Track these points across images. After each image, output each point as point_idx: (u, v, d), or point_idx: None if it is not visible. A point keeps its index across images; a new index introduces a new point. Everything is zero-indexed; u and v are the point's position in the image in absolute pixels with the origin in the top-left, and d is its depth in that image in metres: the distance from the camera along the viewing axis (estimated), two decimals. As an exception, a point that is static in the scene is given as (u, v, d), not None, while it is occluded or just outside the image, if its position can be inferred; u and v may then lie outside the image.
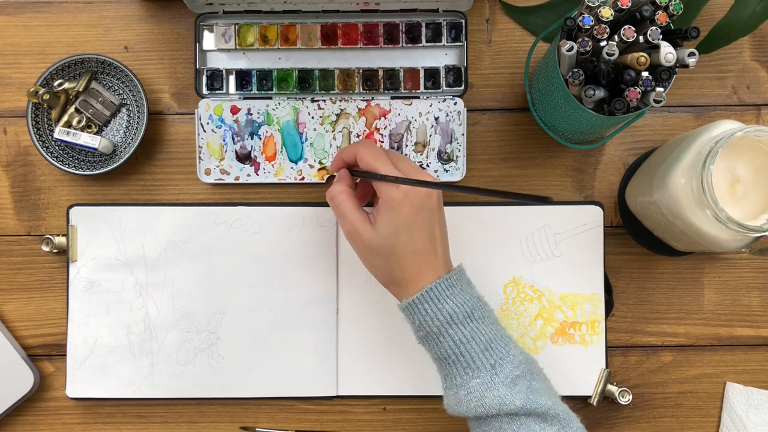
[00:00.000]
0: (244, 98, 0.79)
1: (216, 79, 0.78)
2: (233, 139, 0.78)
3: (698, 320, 0.79)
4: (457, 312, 0.62)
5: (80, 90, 0.77)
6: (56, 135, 0.76)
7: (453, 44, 0.78)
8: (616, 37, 0.63)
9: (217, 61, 0.79)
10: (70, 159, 0.77)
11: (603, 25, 0.62)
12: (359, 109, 0.78)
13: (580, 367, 0.76)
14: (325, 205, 0.77)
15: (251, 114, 0.78)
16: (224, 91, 0.78)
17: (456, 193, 0.79)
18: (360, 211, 0.66)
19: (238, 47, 0.78)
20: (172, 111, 0.80)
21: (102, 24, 0.79)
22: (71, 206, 0.77)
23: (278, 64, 0.79)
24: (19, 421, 0.78)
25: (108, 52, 0.79)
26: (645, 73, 0.62)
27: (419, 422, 0.78)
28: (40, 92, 0.74)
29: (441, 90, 0.78)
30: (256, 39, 0.78)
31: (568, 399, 0.77)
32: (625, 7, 0.62)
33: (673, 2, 0.62)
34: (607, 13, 0.62)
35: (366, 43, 0.78)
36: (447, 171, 0.78)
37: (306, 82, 0.78)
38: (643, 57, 0.62)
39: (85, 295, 0.77)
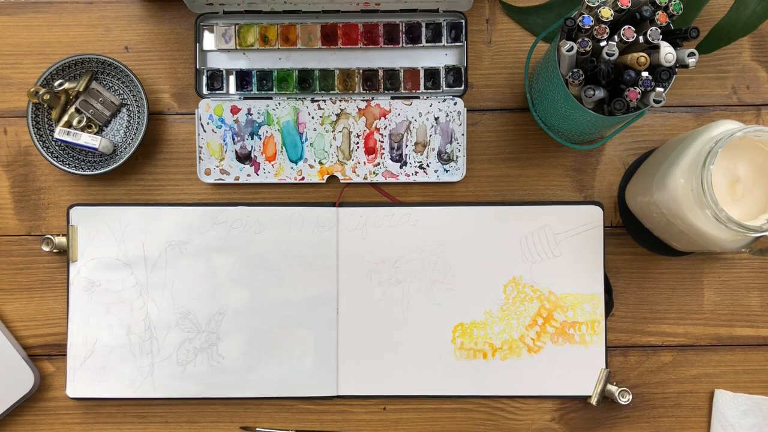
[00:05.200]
0: (244, 98, 0.79)
1: (216, 79, 0.78)
2: (233, 139, 0.78)
3: (698, 320, 0.79)
4: None
5: (80, 90, 0.77)
6: (56, 135, 0.76)
7: (453, 44, 0.78)
8: (616, 37, 0.63)
9: (217, 61, 0.79)
10: (71, 159, 0.77)
11: (603, 25, 0.62)
12: (359, 109, 0.79)
13: (580, 367, 0.77)
14: (325, 204, 0.78)
15: (251, 114, 0.78)
16: (224, 91, 0.79)
17: (455, 193, 0.79)
18: None
19: (238, 47, 0.78)
20: (172, 111, 0.80)
21: (102, 24, 0.79)
22: (71, 206, 0.77)
23: (278, 64, 0.79)
24: (19, 421, 0.78)
25: (108, 52, 0.79)
26: (645, 73, 0.62)
27: (419, 422, 0.78)
28: (41, 92, 0.74)
29: (441, 90, 0.78)
30: (257, 39, 0.78)
31: (568, 399, 0.77)
32: (625, 7, 0.62)
33: (673, 2, 0.62)
34: (607, 13, 0.62)
35: (366, 43, 0.78)
36: (447, 171, 0.78)
37: (306, 82, 0.78)
38: (643, 57, 0.62)
39: (85, 295, 0.77)
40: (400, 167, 0.78)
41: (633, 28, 0.62)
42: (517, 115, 0.80)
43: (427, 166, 0.78)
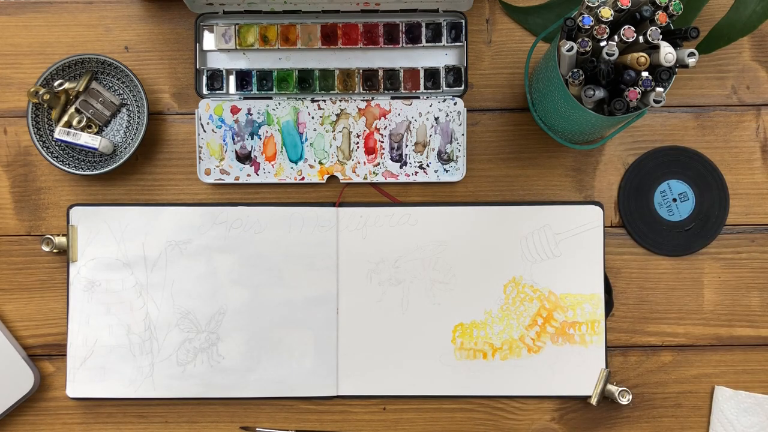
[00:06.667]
0: (244, 98, 0.79)
1: (216, 79, 0.78)
2: (233, 139, 0.78)
3: (698, 320, 0.79)
4: None
5: (80, 90, 0.77)
6: (56, 135, 0.76)
7: (453, 44, 0.78)
8: (616, 37, 0.63)
9: (217, 61, 0.79)
10: (71, 159, 0.77)
11: (603, 25, 0.63)
12: (359, 109, 0.79)
13: (580, 367, 0.77)
14: (325, 204, 0.78)
15: (251, 114, 0.78)
16: (224, 91, 0.79)
17: (455, 193, 0.79)
18: None
19: (238, 47, 0.78)
20: (172, 111, 0.80)
21: (102, 24, 0.79)
22: (71, 206, 0.77)
23: (278, 64, 0.79)
24: (19, 421, 0.78)
25: (108, 52, 0.79)
26: (645, 73, 0.62)
27: (419, 422, 0.78)
28: (41, 92, 0.74)
29: (441, 90, 0.78)
30: (256, 39, 0.78)
31: (568, 399, 0.78)
32: (625, 7, 0.62)
33: (672, 2, 0.62)
34: (607, 13, 0.62)
35: (366, 43, 0.78)
36: (447, 171, 0.78)
37: (306, 82, 0.78)
38: (643, 57, 0.62)
39: (85, 295, 0.77)
40: (400, 167, 0.78)
41: (633, 28, 0.62)
42: (517, 115, 0.80)
43: (427, 166, 0.78)
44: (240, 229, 0.77)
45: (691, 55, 0.62)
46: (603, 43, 0.63)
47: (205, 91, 0.79)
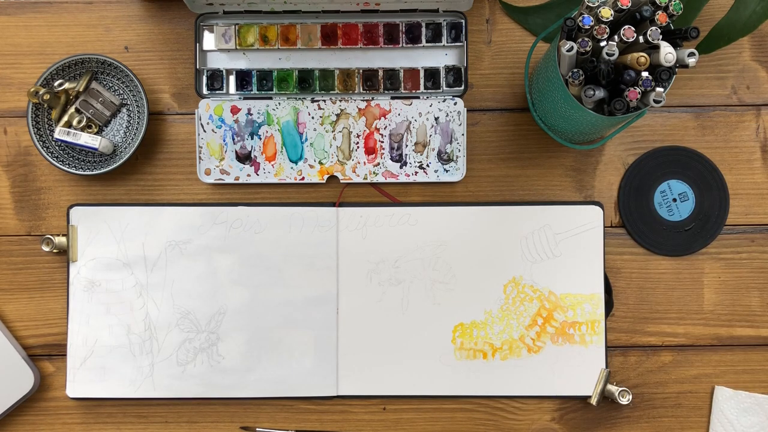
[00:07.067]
0: (244, 98, 0.79)
1: (216, 79, 0.78)
2: (233, 139, 0.78)
3: (698, 320, 0.79)
4: None
5: (80, 90, 0.77)
6: (56, 135, 0.76)
7: (453, 44, 0.78)
8: (616, 37, 0.63)
9: (217, 61, 0.79)
10: (71, 159, 0.77)
11: (603, 25, 0.63)
12: (359, 109, 0.79)
13: (580, 367, 0.77)
14: (325, 204, 0.78)
15: (251, 114, 0.78)
16: (224, 91, 0.79)
17: (455, 193, 0.79)
18: None
19: (238, 47, 0.78)
20: (172, 111, 0.80)
21: (102, 24, 0.79)
22: (71, 206, 0.77)
23: (278, 64, 0.79)
24: (19, 421, 0.78)
25: (108, 52, 0.79)
26: (645, 73, 0.62)
27: (419, 422, 0.78)
28: (41, 92, 0.74)
29: (441, 90, 0.78)
30: (256, 39, 0.78)
31: (568, 399, 0.78)
32: (625, 7, 0.62)
33: (673, 2, 0.62)
34: (607, 13, 0.62)
35: (366, 43, 0.78)
36: (447, 171, 0.78)
37: (306, 82, 0.78)
38: (643, 57, 0.62)
39: (85, 295, 0.77)
40: (400, 167, 0.78)
41: (633, 28, 0.62)
42: (517, 115, 0.80)
43: (427, 166, 0.78)
44: (240, 229, 0.77)
45: (691, 55, 0.62)
46: (603, 43, 0.63)
47: (205, 91, 0.79)
